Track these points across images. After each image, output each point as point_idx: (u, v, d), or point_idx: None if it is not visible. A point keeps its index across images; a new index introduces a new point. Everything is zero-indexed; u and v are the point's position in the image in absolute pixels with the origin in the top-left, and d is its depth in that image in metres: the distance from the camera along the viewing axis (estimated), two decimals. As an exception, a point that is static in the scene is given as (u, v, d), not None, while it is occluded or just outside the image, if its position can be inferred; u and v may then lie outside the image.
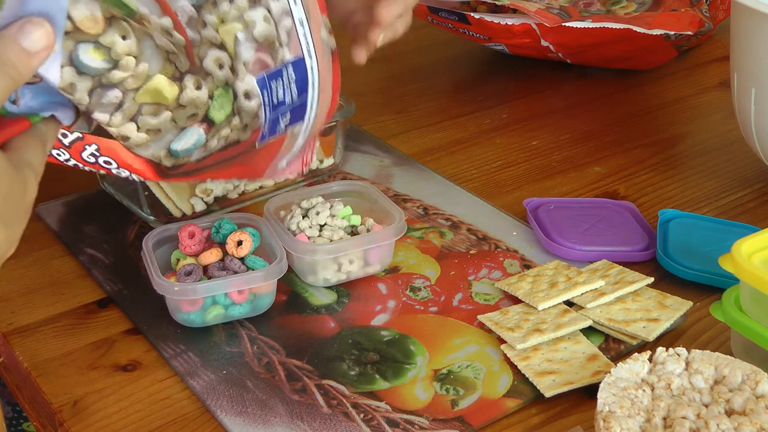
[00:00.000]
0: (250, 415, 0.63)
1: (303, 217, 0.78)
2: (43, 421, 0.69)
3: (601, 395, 0.56)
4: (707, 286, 0.75)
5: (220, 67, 0.51)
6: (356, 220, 0.79)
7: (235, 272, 0.72)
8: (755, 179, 0.92)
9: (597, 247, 0.79)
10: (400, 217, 0.77)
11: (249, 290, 0.71)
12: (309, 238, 0.77)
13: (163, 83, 0.49)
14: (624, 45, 1.11)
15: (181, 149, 0.52)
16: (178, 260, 0.74)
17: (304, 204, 0.80)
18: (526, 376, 0.65)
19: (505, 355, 0.68)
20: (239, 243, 0.73)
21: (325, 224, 0.78)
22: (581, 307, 0.71)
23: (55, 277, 0.80)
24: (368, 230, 0.78)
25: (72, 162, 0.59)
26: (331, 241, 0.76)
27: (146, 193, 0.83)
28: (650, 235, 0.81)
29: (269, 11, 0.53)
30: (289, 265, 0.76)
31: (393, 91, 1.17)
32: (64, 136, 0.57)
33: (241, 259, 0.73)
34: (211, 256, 0.72)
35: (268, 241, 0.75)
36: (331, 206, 0.79)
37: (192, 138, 0.52)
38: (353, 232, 0.79)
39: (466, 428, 0.62)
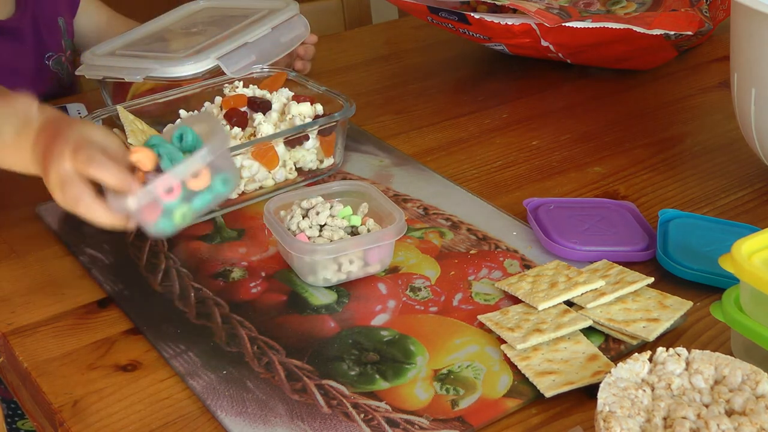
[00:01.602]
0: (250, 415, 0.63)
1: (303, 217, 0.78)
2: (43, 421, 0.69)
3: (602, 395, 0.56)
4: (707, 286, 0.74)
5: None
6: (356, 220, 0.79)
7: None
8: (755, 179, 0.92)
9: (597, 247, 0.79)
10: (400, 217, 0.77)
11: (207, 171, 0.68)
12: (309, 238, 0.77)
13: None
14: (624, 45, 1.11)
15: None
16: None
17: (304, 204, 0.80)
18: (526, 376, 0.65)
19: (505, 355, 0.68)
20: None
21: (325, 224, 0.78)
22: (581, 307, 0.71)
23: (55, 277, 0.80)
24: (368, 230, 0.78)
25: None
26: (331, 241, 0.76)
27: (146, 193, 0.83)
28: (650, 235, 0.81)
29: None
30: (288, 265, 0.76)
31: (393, 91, 1.17)
32: None
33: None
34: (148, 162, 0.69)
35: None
36: (331, 206, 0.79)
37: None
38: (353, 232, 0.79)
39: (466, 428, 0.62)
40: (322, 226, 0.78)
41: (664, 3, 1.20)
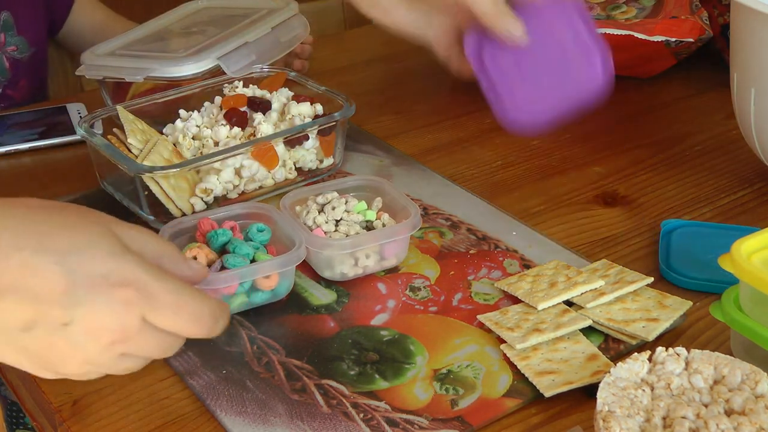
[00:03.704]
0: (250, 415, 0.63)
1: (319, 213, 0.79)
2: (42, 420, 0.69)
3: (601, 395, 0.56)
4: (707, 286, 0.74)
5: None
6: (371, 215, 0.79)
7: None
8: (755, 179, 0.92)
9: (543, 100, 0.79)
10: (416, 212, 0.77)
11: (277, 275, 0.72)
12: (325, 233, 0.77)
13: None
14: (623, 53, 1.10)
15: None
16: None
17: (320, 199, 0.80)
18: (526, 375, 0.65)
19: (504, 354, 0.68)
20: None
21: (341, 219, 0.78)
22: (581, 307, 0.71)
23: (55, 277, 0.79)
24: (383, 225, 0.79)
25: None
26: (347, 235, 0.77)
27: (146, 192, 0.83)
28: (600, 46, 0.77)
29: None
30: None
31: (393, 91, 1.17)
32: None
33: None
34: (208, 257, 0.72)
35: (284, 231, 0.76)
36: (347, 201, 0.79)
37: None
38: (368, 227, 0.79)
39: (466, 428, 0.62)
40: (338, 221, 0.78)
41: (665, 9, 1.20)
